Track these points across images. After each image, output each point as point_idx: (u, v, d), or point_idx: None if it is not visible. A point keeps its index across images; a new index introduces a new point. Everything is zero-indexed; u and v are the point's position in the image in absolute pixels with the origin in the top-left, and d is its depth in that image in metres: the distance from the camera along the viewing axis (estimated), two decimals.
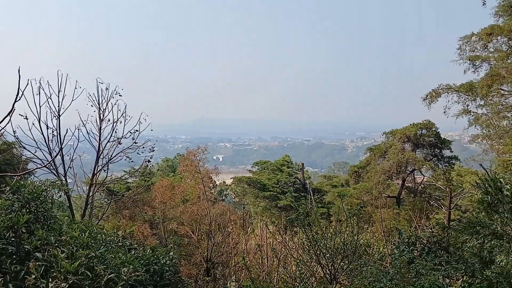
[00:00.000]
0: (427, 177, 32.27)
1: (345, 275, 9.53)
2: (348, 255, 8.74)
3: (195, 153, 15.59)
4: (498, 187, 7.76)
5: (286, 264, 9.92)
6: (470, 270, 8.23)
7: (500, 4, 13.91)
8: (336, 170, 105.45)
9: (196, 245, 14.18)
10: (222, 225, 14.42)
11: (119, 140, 12.54)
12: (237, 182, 40.50)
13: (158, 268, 7.54)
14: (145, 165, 13.98)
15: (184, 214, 14.86)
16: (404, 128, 31.85)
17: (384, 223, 17.48)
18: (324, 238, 8.95)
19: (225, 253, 13.76)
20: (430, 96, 13.62)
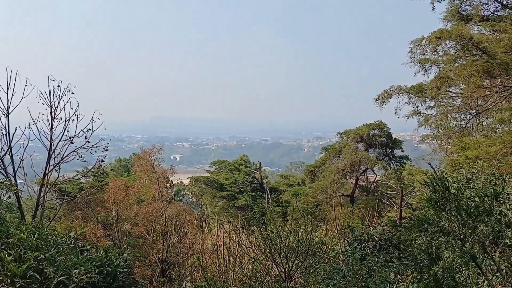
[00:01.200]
0: (380, 176, 33.22)
1: (300, 273, 9.68)
2: (303, 253, 8.88)
3: (150, 152, 15.38)
4: (445, 185, 8.08)
5: (242, 264, 9.97)
6: (418, 266, 8.54)
7: (448, 9, 14.52)
8: (293, 169, 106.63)
9: (151, 246, 14.00)
10: (178, 226, 14.30)
11: (72, 139, 12.26)
12: (195, 182, 40.25)
13: (111, 270, 7.43)
14: (99, 165, 13.70)
15: (139, 215, 14.64)
16: (358, 128, 32.67)
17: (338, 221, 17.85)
18: (279, 237, 9.05)
19: (181, 253, 13.67)
20: (382, 97, 14.03)
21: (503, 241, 8.09)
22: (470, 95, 12.37)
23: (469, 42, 11.21)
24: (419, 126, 13.79)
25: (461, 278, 8.75)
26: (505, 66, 11.32)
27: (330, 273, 8.92)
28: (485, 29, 13.79)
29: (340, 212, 23.02)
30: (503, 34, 12.29)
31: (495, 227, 7.74)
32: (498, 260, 8.17)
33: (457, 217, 7.66)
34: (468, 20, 14.02)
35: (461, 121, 13.86)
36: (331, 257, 11.29)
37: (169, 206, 15.21)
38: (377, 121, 32.34)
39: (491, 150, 14.38)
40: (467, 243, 7.74)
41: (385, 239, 10.25)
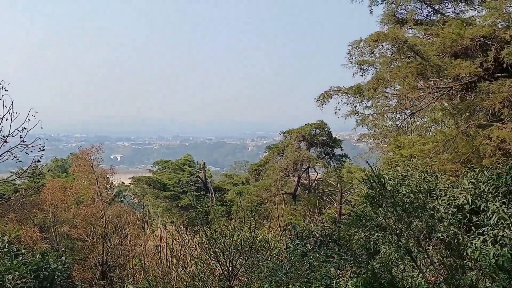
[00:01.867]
0: (321, 174, 34.11)
1: (243, 271, 9.73)
2: (246, 251, 8.94)
3: (89, 152, 14.89)
4: (381, 182, 8.40)
5: (185, 264, 9.88)
6: (357, 261, 8.84)
7: (385, 13, 15.08)
8: (237, 168, 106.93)
9: (91, 248, 13.57)
10: (119, 227, 13.95)
11: (5, 139, 11.66)
12: (136, 182, 39.39)
13: (48, 274, 7.17)
14: (35, 165, 13.10)
15: (78, 217, 14.14)
16: (300, 128, 33.34)
17: (281, 218, 18.11)
18: (223, 236, 9.06)
19: (122, 255, 13.34)
20: (322, 98, 14.34)
21: (436, 235, 8.54)
22: (405, 95, 12.90)
23: (404, 45, 11.70)
24: (357, 125, 14.21)
25: (397, 271, 9.12)
26: (437, 68, 11.90)
27: (272, 270, 9.04)
28: (419, 32, 14.45)
29: (283, 210, 23.38)
30: (435, 38, 12.93)
31: (428, 222, 8.13)
32: (431, 254, 8.61)
33: (393, 212, 7.98)
34: (404, 23, 14.61)
35: (397, 120, 14.42)
36: (274, 254, 11.46)
37: (109, 207, 14.81)
38: (318, 121, 33.16)
39: (425, 149, 15.09)
40: (403, 238, 8.09)
41: (325, 235, 10.56)
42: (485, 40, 11.83)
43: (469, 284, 7.56)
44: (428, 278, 8.53)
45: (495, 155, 11.26)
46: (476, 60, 11.73)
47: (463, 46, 11.99)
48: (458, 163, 12.80)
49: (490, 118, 11.92)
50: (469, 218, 10.24)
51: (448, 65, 11.75)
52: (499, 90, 11.26)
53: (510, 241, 8.70)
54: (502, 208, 9.31)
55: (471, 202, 10.13)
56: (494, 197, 10.07)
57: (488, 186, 10.35)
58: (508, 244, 8.67)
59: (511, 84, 11.21)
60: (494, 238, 9.16)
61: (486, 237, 9.28)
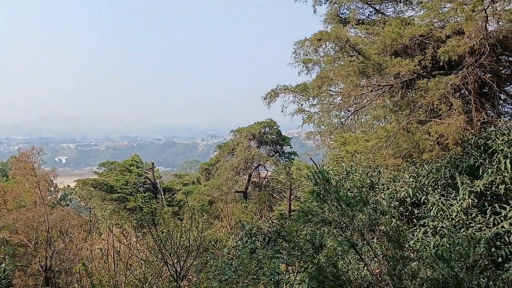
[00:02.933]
0: (271, 171, 34.48)
1: (192, 272, 9.68)
2: (194, 251, 8.90)
3: (29, 154, 14.30)
4: (326, 178, 8.59)
5: (131, 267, 9.71)
6: (304, 256, 8.99)
7: (329, 12, 15.41)
8: (188, 168, 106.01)
9: (33, 254, 13.05)
10: (63, 231, 13.50)
11: None
12: (82, 185, 38.22)
13: None
14: None
15: (18, 222, 13.55)
16: (250, 126, 33.57)
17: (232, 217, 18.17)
18: (170, 237, 8.97)
19: (67, 260, 12.92)
20: (269, 96, 14.48)
21: (379, 228, 8.83)
22: (348, 93, 13.25)
23: (346, 44, 12.01)
24: (303, 123, 14.46)
25: (343, 265, 9.35)
26: (378, 67, 12.30)
27: (221, 269, 9.06)
28: (361, 31, 14.88)
29: (234, 208, 23.44)
30: (376, 37, 13.36)
31: (371, 216, 8.40)
32: (375, 246, 8.89)
33: (337, 207, 8.18)
34: (346, 23, 14.98)
35: (341, 118, 14.79)
36: (224, 253, 11.47)
37: (53, 211, 14.30)
38: (268, 119, 33.52)
39: (368, 145, 15.58)
40: (347, 231, 8.31)
41: (274, 231, 10.69)
42: (423, 39, 12.35)
43: (411, 275, 7.86)
44: (372, 270, 8.78)
45: (434, 149, 11.76)
46: (415, 58, 12.22)
47: (403, 45, 12.47)
48: (399, 157, 13.30)
49: (429, 114, 12.45)
50: (411, 211, 10.69)
51: (389, 63, 12.17)
52: (437, 87, 11.79)
53: (449, 232, 9.15)
54: (441, 200, 9.78)
55: (412, 195, 10.57)
56: (434, 189, 10.56)
57: (428, 179, 10.84)
58: (447, 234, 9.12)
59: (448, 81, 11.76)
60: (434, 229, 9.60)
61: (427, 228, 9.72)
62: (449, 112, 11.88)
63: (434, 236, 9.47)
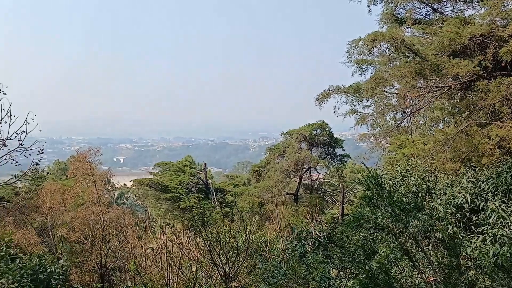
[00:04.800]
0: (322, 174, 34.04)
1: (242, 273, 9.68)
2: (243, 252, 8.89)
3: (87, 154, 14.86)
4: (379, 183, 8.33)
5: (182, 266, 9.83)
6: (355, 262, 8.77)
7: (384, 12, 15.03)
8: (240, 169, 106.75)
9: (89, 251, 13.53)
10: (118, 230, 13.92)
11: (4, 142, 11.62)
12: (138, 185, 39.40)
13: (45, 277, 7.14)
14: (33, 168, 13.07)
15: (76, 220, 14.11)
16: (301, 128, 33.31)
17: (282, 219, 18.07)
18: (220, 238, 9.00)
19: (121, 258, 13.31)
20: (321, 97, 14.31)
21: (435, 235, 8.46)
22: (404, 95, 12.85)
23: (402, 44, 11.64)
24: (356, 124, 14.17)
25: (396, 271, 9.06)
26: (435, 68, 11.83)
27: (271, 271, 9.00)
28: (418, 31, 14.40)
29: (284, 210, 23.33)
30: (434, 37, 12.86)
31: (426, 222, 8.06)
32: (430, 253, 8.53)
33: (391, 213, 7.91)
34: (402, 23, 14.56)
35: (397, 120, 14.38)
36: (273, 255, 11.40)
37: (108, 209, 14.78)
38: (319, 121, 33.12)
39: (425, 148, 15.02)
40: (401, 238, 8.02)
41: (324, 236, 10.51)
42: (484, 38, 11.76)
43: (468, 284, 7.48)
44: (426, 278, 8.45)
45: (494, 153, 11.18)
46: (475, 59, 11.66)
47: (462, 45, 11.92)
48: (458, 162, 12.72)
49: (490, 117, 11.86)
50: (469, 217, 10.19)
51: (447, 64, 11.68)
52: (498, 89, 11.20)
53: (510, 240, 8.64)
54: (502, 207, 9.25)
55: (470, 201, 10.07)
56: (494, 196, 10.01)
57: (487, 185, 10.29)
58: (508, 243, 8.61)
59: (510, 82, 11.14)
60: (494, 237, 9.10)
61: (486, 236, 9.22)
62: (511, 115, 11.25)
63: (494, 244, 8.98)
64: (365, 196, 8.25)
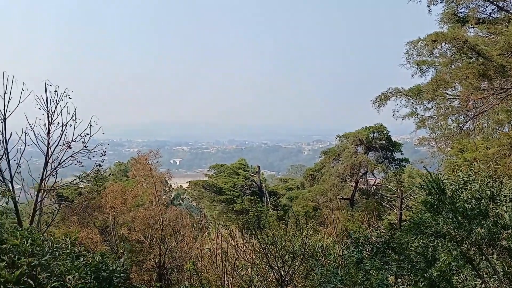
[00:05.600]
0: (379, 179, 33.21)
1: (297, 277, 9.65)
2: (299, 256, 8.86)
3: (147, 156, 15.35)
4: (441, 188, 8.07)
5: (238, 268, 9.94)
6: (415, 269, 8.53)
7: (445, 12, 14.53)
8: (293, 172, 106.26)
9: (149, 251, 13.96)
10: (176, 230, 14.27)
11: (69, 144, 12.19)
12: (194, 186, 40.20)
13: (107, 275, 7.39)
14: (96, 169, 13.65)
15: (136, 220, 14.60)
16: (357, 131, 32.69)
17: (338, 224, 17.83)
18: (276, 241, 9.03)
19: (179, 258, 13.63)
20: (379, 100, 14.03)
21: (500, 243, 8.08)
22: (467, 97, 12.38)
23: (464, 45, 11.22)
24: (417, 128, 13.78)
25: (458, 280, 8.73)
26: (501, 69, 11.32)
27: (327, 277, 8.91)
28: (481, 31, 13.81)
29: (339, 215, 23.01)
30: (499, 37, 12.30)
31: (491, 229, 7.72)
32: (495, 263, 8.15)
33: (453, 219, 7.65)
34: (465, 22, 14.03)
35: (459, 123, 13.85)
36: (329, 261, 11.28)
37: (167, 210, 15.19)
38: (377, 124, 32.37)
39: (489, 152, 14.36)
40: (463, 245, 7.73)
41: (382, 242, 10.26)
42: None
43: None
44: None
45: None
46: None
47: None
48: None
49: None
50: None
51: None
52: None
53: None
54: None
55: None
56: None
57: None
58: None
59: None
60: None
61: None
62: None
63: None
64: (426, 202, 8.02)
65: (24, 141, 11.62)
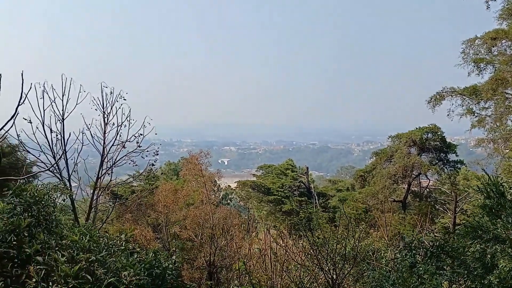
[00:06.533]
0: (433, 181, 32.22)
1: (348, 281, 9.50)
2: (351, 259, 8.72)
3: (198, 156, 15.60)
4: (500, 191, 7.73)
5: (288, 269, 9.90)
6: (472, 275, 8.19)
7: (504, 8, 13.87)
8: (343, 174, 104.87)
9: (199, 249, 14.17)
10: (225, 229, 14.41)
11: (123, 144, 12.58)
12: (242, 186, 40.53)
13: (160, 272, 7.53)
14: (149, 168, 14.02)
15: (187, 218, 14.86)
16: (410, 132, 31.86)
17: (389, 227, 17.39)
18: (326, 243, 8.93)
19: (228, 257, 13.75)
20: (434, 99, 13.59)
21: None
22: None
23: None
24: (472, 127, 13.24)
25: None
26: None
27: (379, 280, 8.71)
28: None
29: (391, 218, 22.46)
30: None
31: None
32: None
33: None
34: None
35: None
36: (380, 264, 11.03)
37: (217, 209, 15.36)
38: (431, 124, 31.39)
39: None
40: None
41: (436, 246, 9.91)
42: None
43: None
44: None
45: None
46: None
47: None
48: None
49: None
50: None
51: None
52: None
53: None
54: None
55: None
56: None
57: None
58: None
59: None
60: None
61: None
62: None
63: None
64: (485, 205, 7.69)
65: (81, 140, 12.11)
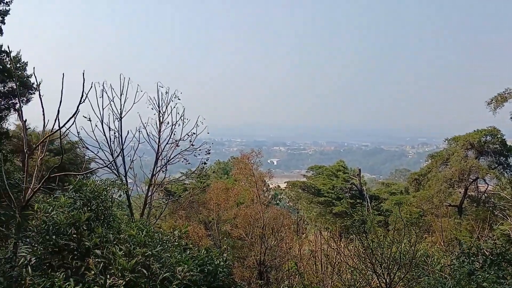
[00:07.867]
0: (492, 186, 30.81)
1: (401, 285, 9.23)
2: (405, 264, 8.45)
3: (249, 156, 15.66)
4: None
5: (340, 272, 9.73)
6: None
7: None
8: (397, 177, 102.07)
9: (250, 248, 14.22)
10: (275, 229, 14.38)
11: (177, 143, 12.82)
12: (291, 187, 40.35)
13: (212, 269, 7.58)
14: (201, 167, 14.22)
15: (238, 217, 14.96)
16: (468, 134, 30.63)
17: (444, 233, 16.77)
18: (381, 247, 8.70)
19: (278, 257, 13.72)
20: (495, 101, 12.92)
21: None
22: None
23: None
24: None
25: None
26: None
27: (434, 287, 8.41)
28: None
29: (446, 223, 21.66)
30: None
31: None
32: None
33: None
34: None
35: None
36: (436, 270, 10.64)
37: (267, 209, 15.36)
38: (490, 126, 30.01)
39: None
40: None
41: (497, 253, 9.44)
42: None
43: None
44: None
45: None
46: None
47: None
48: None
49: None
50: None
51: None
52: None
53: None
54: None
55: None
56: None
57: None
58: None
59: None
60: None
61: None
62: None
63: None
64: None
65: (138, 138, 12.45)
